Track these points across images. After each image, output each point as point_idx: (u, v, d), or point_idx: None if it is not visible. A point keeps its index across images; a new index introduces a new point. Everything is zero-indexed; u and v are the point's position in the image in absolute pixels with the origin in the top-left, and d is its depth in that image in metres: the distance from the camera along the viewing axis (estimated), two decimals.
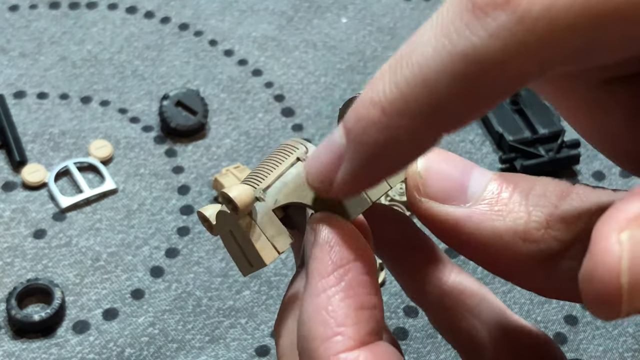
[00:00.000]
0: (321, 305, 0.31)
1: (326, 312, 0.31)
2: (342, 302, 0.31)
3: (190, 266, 0.52)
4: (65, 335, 0.49)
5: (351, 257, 0.32)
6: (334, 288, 0.31)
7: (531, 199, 0.32)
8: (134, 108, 0.59)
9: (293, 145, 0.34)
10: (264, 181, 0.33)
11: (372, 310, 0.31)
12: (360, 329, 0.31)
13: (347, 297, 0.31)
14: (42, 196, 0.54)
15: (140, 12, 0.64)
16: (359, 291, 0.31)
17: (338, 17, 0.64)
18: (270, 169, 0.34)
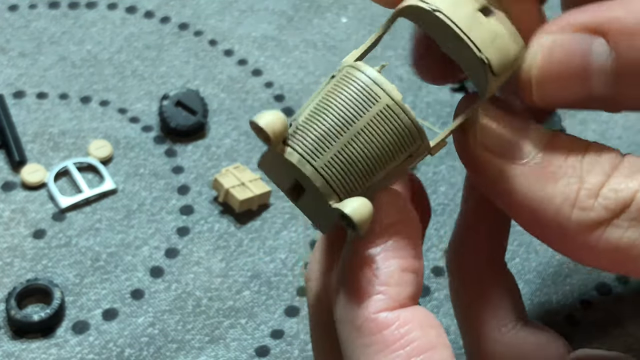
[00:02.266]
0: (366, 262, 0.31)
1: (370, 269, 0.31)
2: (388, 262, 0.31)
3: (190, 266, 0.52)
4: (65, 336, 0.49)
5: (398, 217, 0.31)
6: (381, 247, 0.31)
7: (585, 164, 0.32)
8: (134, 108, 0.59)
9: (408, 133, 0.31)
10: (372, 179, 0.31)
11: (415, 273, 0.31)
12: (402, 291, 0.31)
13: (393, 257, 0.31)
14: (41, 196, 0.54)
15: (140, 12, 0.64)
16: (404, 253, 0.31)
17: (338, 17, 0.64)
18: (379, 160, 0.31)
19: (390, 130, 0.31)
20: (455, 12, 0.31)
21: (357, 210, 0.30)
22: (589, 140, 0.32)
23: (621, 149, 0.57)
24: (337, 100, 0.31)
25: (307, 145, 0.31)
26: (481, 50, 0.31)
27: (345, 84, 0.32)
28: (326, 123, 0.31)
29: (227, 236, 0.53)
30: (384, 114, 0.31)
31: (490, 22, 0.32)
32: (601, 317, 0.50)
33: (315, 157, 0.31)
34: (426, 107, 0.59)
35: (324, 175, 0.31)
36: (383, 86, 0.31)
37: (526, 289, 0.50)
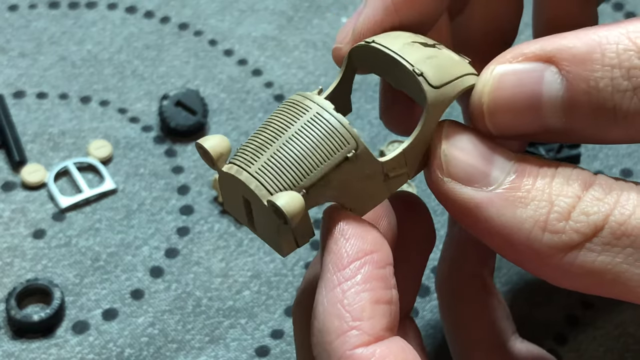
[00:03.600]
0: (337, 299, 0.31)
1: (342, 305, 0.30)
2: (358, 296, 0.30)
3: (190, 266, 0.52)
4: (65, 336, 0.49)
5: (367, 249, 0.31)
6: (350, 281, 0.31)
7: (554, 187, 0.31)
8: (134, 108, 0.59)
9: (339, 134, 0.32)
10: (306, 179, 0.31)
11: (388, 304, 0.31)
12: (376, 324, 0.30)
13: (363, 291, 0.31)
14: (41, 196, 0.54)
15: (140, 12, 0.64)
16: (375, 285, 0.31)
17: (338, 17, 0.64)
18: (311, 160, 0.32)
19: (320, 132, 0.32)
20: (389, 42, 0.33)
21: (287, 202, 0.30)
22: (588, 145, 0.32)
23: (621, 149, 0.58)
24: (274, 119, 0.33)
25: (244, 157, 0.32)
26: (414, 65, 0.32)
27: (282, 106, 0.33)
28: (263, 136, 0.32)
29: (227, 236, 0.53)
30: (314, 119, 0.32)
31: (427, 49, 0.33)
32: (601, 317, 0.50)
33: (250, 164, 0.32)
34: None
35: (257, 177, 0.31)
36: (313, 98, 0.32)
37: (526, 288, 0.50)
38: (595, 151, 0.57)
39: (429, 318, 0.50)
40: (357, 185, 0.32)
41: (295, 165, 0.32)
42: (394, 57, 0.32)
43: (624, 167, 0.56)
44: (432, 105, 0.32)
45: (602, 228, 0.30)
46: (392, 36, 0.34)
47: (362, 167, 0.32)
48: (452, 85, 0.32)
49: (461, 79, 0.33)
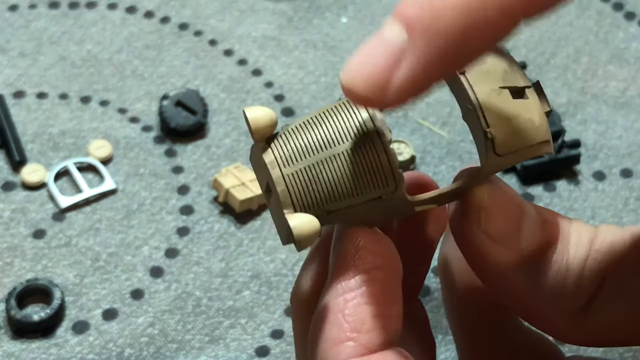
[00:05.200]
0: (339, 308, 0.31)
1: (342, 315, 0.31)
2: (360, 308, 0.31)
3: (190, 266, 0.52)
4: (65, 336, 0.49)
5: (376, 263, 0.31)
6: (354, 292, 0.31)
7: (571, 250, 0.32)
8: (134, 108, 0.59)
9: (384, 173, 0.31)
10: (333, 203, 0.31)
11: (389, 319, 0.31)
12: (375, 337, 0.30)
13: (366, 304, 0.31)
14: (41, 196, 0.54)
15: (140, 12, 0.64)
16: (379, 299, 0.31)
17: (338, 17, 0.64)
18: (346, 187, 0.31)
19: (366, 164, 0.31)
20: (479, 81, 0.31)
21: (300, 226, 0.30)
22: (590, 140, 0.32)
23: (621, 149, 0.58)
24: (330, 120, 0.31)
25: (284, 150, 0.31)
26: (489, 125, 0.31)
27: (345, 109, 0.31)
28: (310, 136, 0.31)
29: (227, 236, 0.53)
30: (366, 148, 0.31)
31: (514, 103, 0.31)
32: None
33: (287, 164, 0.31)
34: (426, 107, 0.59)
35: (287, 183, 0.31)
36: (376, 123, 0.31)
37: None
38: (595, 151, 0.57)
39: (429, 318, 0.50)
40: (381, 214, 0.32)
41: (329, 188, 0.31)
42: (474, 104, 0.31)
43: (624, 167, 0.56)
44: (488, 170, 0.32)
45: (603, 283, 0.32)
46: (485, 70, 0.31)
47: (392, 205, 0.32)
48: (517, 154, 0.31)
49: (530, 149, 0.31)
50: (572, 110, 0.59)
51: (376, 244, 0.32)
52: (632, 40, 0.63)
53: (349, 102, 0.31)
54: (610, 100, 0.59)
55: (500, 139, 0.31)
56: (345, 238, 0.32)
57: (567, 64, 0.61)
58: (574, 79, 0.61)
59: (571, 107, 0.59)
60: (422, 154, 0.56)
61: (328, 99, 0.59)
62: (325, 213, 0.31)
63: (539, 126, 0.31)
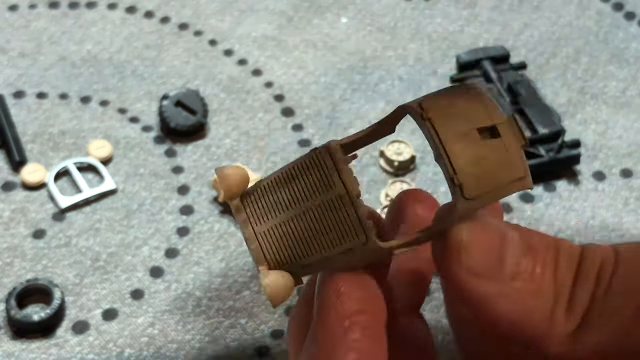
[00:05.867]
0: (325, 355, 0.31)
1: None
2: (345, 355, 0.31)
3: (190, 266, 0.52)
4: (65, 336, 0.49)
5: (358, 308, 0.32)
6: (339, 340, 0.31)
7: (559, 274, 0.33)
8: (134, 108, 0.59)
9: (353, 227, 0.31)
10: (306, 258, 0.31)
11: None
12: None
13: (350, 350, 0.31)
14: (41, 196, 0.54)
15: (140, 11, 0.64)
16: (363, 344, 0.31)
17: (338, 17, 0.64)
18: (318, 242, 0.31)
19: (334, 219, 0.31)
20: (447, 126, 0.31)
21: (272, 284, 0.31)
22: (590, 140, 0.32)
23: (621, 149, 0.58)
24: (300, 176, 0.32)
25: (256, 209, 0.32)
26: (456, 172, 0.30)
27: (313, 163, 0.32)
28: (280, 194, 0.32)
29: (227, 236, 0.53)
30: (333, 203, 0.31)
31: (483, 147, 0.31)
32: None
33: (258, 222, 0.32)
34: None
35: (259, 240, 0.31)
36: (342, 176, 0.31)
37: None
38: (595, 151, 0.57)
39: (428, 318, 0.50)
40: (357, 262, 0.32)
41: (301, 243, 0.31)
42: (441, 153, 0.31)
43: (623, 167, 0.56)
44: (461, 213, 0.32)
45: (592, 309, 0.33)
46: (451, 112, 0.31)
47: (366, 254, 0.32)
48: (489, 195, 0.31)
49: (501, 189, 0.31)
50: (572, 110, 0.59)
51: (357, 289, 0.32)
52: (632, 40, 0.63)
53: (318, 156, 0.32)
54: (610, 100, 0.59)
55: (469, 183, 0.31)
56: (327, 284, 0.32)
57: (567, 64, 0.61)
58: (573, 79, 0.61)
59: (571, 107, 0.59)
60: (422, 154, 0.56)
61: (328, 98, 0.59)
62: (300, 267, 0.32)
63: (511, 164, 0.31)
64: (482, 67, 0.60)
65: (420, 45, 0.62)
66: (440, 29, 0.63)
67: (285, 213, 0.31)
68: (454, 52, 0.62)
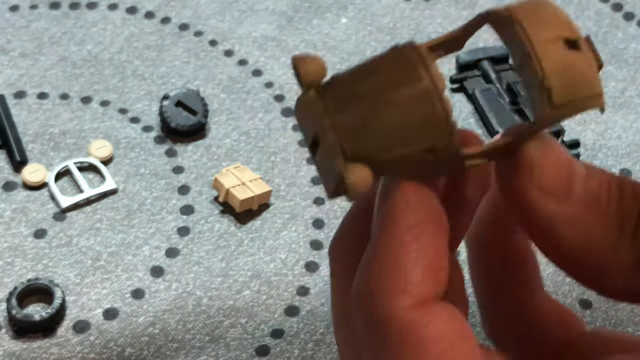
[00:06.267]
0: (390, 260, 0.31)
1: (393, 267, 0.31)
2: (412, 260, 0.31)
3: (190, 266, 0.52)
4: (66, 335, 0.49)
5: (425, 217, 0.31)
6: (405, 245, 0.31)
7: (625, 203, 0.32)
8: (134, 108, 0.59)
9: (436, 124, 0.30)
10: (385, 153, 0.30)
11: (439, 271, 0.31)
12: (428, 289, 0.31)
13: (418, 257, 0.31)
14: (42, 196, 0.55)
15: (141, 12, 0.64)
16: (429, 252, 0.31)
17: (338, 17, 0.64)
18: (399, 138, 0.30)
19: (419, 113, 0.30)
20: (536, 31, 0.30)
21: (352, 175, 0.29)
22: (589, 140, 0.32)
23: (620, 149, 0.58)
24: (382, 67, 0.30)
25: (335, 99, 0.30)
26: (546, 75, 0.30)
27: (397, 56, 0.30)
28: (362, 84, 0.30)
29: (228, 236, 0.53)
30: (419, 96, 0.30)
31: (570, 55, 0.31)
32: (600, 316, 0.50)
33: (337, 112, 0.30)
34: None
35: (338, 132, 0.30)
36: (430, 70, 0.30)
37: None
38: (595, 151, 0.57)
39: None
40: (431, 167, 0.31)
41: (381, 137, 0.30)
42: (530, 55, 0.30)
43: (622, 167, 0.56)
44: (543, 122, 0.31)
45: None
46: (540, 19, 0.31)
47: (443, 157, 0.31)
48: (572, 105, 0.31)
49: (584, 101, 0.31)
50: None
51: (425, 199, 0.32)
52: (631, 40, 0.63)
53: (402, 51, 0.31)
54: (609, 100, 0.60)
55: (557, 89, 0.30)
56: (395, 192, 0.32)
57: None
58: None
59: None
60: None
61: None
62: (377, 163, 0.30)
63: (593, 79, 0.31)
64: (482, 67, 0.60)
65: None
66: (440, 29, 0.63)
67: (368, 104, 0.30)
68: None
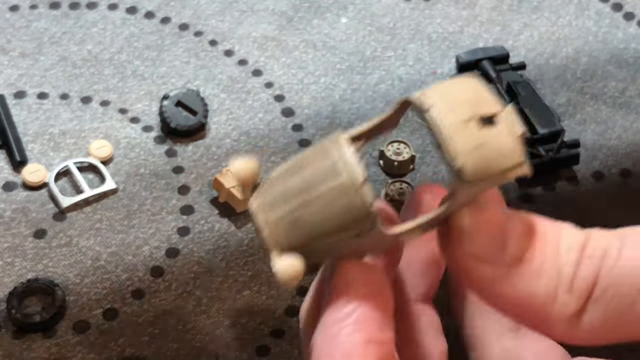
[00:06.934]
0: (330, 336, 0.32)
1: (334, 343, 0.32)
2: (350, 336, 0.32)
3: (190, 266, 0.52)
4: (66, 335, 0.49)
5: (365, 293, 0.33)
6: (344, 321, 0.32)
7: (562, 257, 0.33)
8: (134, 108, 0.59)
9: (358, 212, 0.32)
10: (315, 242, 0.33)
11: (380, 345, 0.32)
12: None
13: (357, 332, 0.32)
14: (42, 196, 0.54)
15: (141, 12, 0.64)
16: (369, 326, 0.32)
17: (338, 18, 0.64)
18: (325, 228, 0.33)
19: (340, 206, 0.32)
20: (446, 115, 0.32)
21: (283, 268, 0.32)
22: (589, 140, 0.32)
23: (620, 149, 0.58)
24: (307, 163, 0.33)
25: (267, 198, 0.33)
26: (456, 156, 0.32)
27: (320, 152, 0.33)
28: (290, 183, 0.33)
29: (228, 236, 0.53)
30: (339, 190, 0.32)
31: (483, 132, 0.32)
32: None
33: (269, 210, 0.33)
34: None
35: (271, 228, 0.33)
36: (347, 165, 0.33)
37: None
38: (595, 151, 0.57)
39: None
40: (365, 247, 0.34)
41: (310, 229, 0.33)
42: (441, 138, 0.32)
43: (623, 167, 0.56)
44: (462, 199, 0.33)
45: (594, 289, 0.33)
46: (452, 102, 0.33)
47: (374, 240, 0.33)
48: (488, 180, 0.33)
49: (500, 175, 0.33)
50: (571, 110, 0.59)
51: (365, 276, 0.33)
52: (631, 40, 0.63)
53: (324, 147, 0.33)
54: (609, 100, 0.60)
55: (468, 167, 0.32)
56: (336, 272, 0.33)
57: (566, 64, 0.62)
58: (573, 79, 0.61)
59: (570, 107, 0.59)
60: (422, 154, 0.56)
61: (328, 99, 0.59)
62: (312, 251, 0.33)
63: (510, 151, 0.33)
64: (482, 67, 0.60)
65: (420, 46, 0.63)
66: (440, 29, 0.63)
67: (295, 201, 0.33)
68: (453, 52, 0.62)
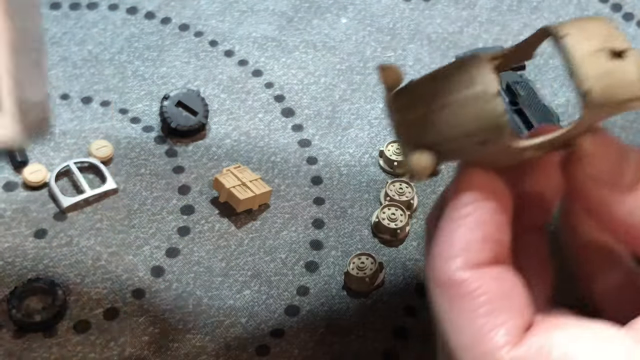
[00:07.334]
0: (450, 231, 0.36)
1: (450, 236, 0.36)
2: (470, 231, 0.36)
3: (190, 266, 0.52)
4: (66, 335, 0.49)
5: (485, 196, 0.36)
6: (464, 219, 0.36)
7: None
8: (135, 108, 0.59)
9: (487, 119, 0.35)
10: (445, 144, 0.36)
11: (496, 243, 0.36)
12: (478, 257, 0.35)
13: (475, 229, 0.36)
14: (43, 196, 0.55)
15: (141, 12, 0.64)
16: (487, 226, 0.36)
17: (338, 18, 0.64)
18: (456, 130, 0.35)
19: (472, 112, 0.35)
20: (579, 42, 0.35)
21: (416, 160, 0.36)
22: None
23: None
24: (446, 76, 0.36)
25: (405, 100, 0.37)
26: (583, 81, 0.35)
27: (459, 65, 0.36)
28: (429, 89, 0.36)
29: (228, 236, 0.53)
30: (474, 98, 0.35)
31: (612, 63, 0.35)
32: None
33: (406, 111, 0.36)
34: None
35: (408, 126, 0.37)
36: (484, 77, 0.35)
37: None
38: None
39: None
40: (489, 157, 0.36)
41: (440, 130, 0.36)
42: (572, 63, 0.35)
43: None
44: (586, 122, 0.35)
45: None
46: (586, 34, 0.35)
47: (498, 149, 0.36)
48: (611, 106, 0.35)
49: (623, 103, 0.35)
50: (570, 110, 0.59)
51: (488, 180, 0.36)
52: (631, 40, 0.63)
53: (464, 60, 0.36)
54: None
55: (595, 92, 0.34)
56: (461, 174, 0.37)
57: None
58: None
59: (570, 107, 0.59)
60: None
61: (328, 99, 0.60)
62: (440, 151, 0.36)
63: (633, 84, 0.35)
64: None
65: (419, 46, 0.63)
66: (439, 30, 0.64)
67: (432, 104, 0.36)
68: (453, 52, 0.62)
